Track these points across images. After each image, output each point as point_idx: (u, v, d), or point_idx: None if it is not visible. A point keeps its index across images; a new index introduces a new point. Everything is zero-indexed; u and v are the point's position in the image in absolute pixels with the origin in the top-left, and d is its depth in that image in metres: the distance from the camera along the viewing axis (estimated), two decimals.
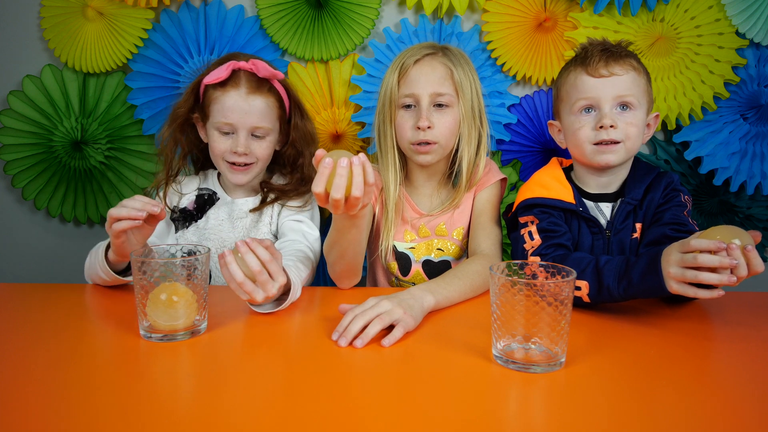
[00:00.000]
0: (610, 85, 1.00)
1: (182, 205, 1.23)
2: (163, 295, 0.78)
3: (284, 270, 0.89)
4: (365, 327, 0.79)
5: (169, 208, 1.22)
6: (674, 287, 0.79)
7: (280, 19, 1.50)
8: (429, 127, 1.10)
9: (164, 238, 1.22)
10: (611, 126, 0.99)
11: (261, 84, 1.16)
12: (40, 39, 1.55)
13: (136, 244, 0.93)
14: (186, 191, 1.24)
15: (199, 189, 1.25)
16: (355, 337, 0.77)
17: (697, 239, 0.77)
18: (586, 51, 1.03)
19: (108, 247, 0.98)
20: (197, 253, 0.84)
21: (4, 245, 1.66)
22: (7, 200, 1.64)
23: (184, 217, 1.22)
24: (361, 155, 0.82)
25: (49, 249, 1.67)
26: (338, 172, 0.80)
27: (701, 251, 0.76)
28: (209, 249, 0.85)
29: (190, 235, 1.21)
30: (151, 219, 0.92)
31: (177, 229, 1.22)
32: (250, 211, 1.21)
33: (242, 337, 0.82)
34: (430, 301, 0.88)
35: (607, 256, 0.90)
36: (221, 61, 1.18)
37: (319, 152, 0.83)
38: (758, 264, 0.76)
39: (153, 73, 1.53)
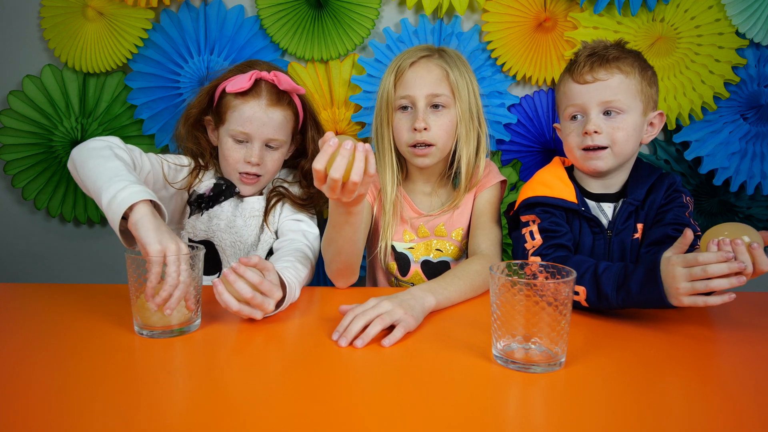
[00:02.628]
0: (594, 90, 0.99)
1: (200, 191, 1.20)
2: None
3: (280, 276, 0.89)
4: (366, 327, 0.79)
5: (188, 193, 1.21)
6: (685, 301, 0.78)
7: (280, 19, 1.50)
8: (425, 129, 1.10)
9: (179, 219, 1.21)
10: (595, 132, 0.99)
11: (281, 97, 1.15)
12: (40, 39, 1.55)
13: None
14: (205, 178, 1.22)
15: (218, 177, 1.22)
16: (356, 337, 0.78)
17: (703, 254, 0.77)
18: (578, 55, 1.03)
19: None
20: (193, 252, 0.84)
21: (4, 245, 1.66)
22: (7, 200, 1.64)
23: (198, 203, 1.21)
24: (367, 144, 0.82)
25: (49, 249, 1.67)
26: (341, 152, 0.80)
27: (708, 264, 0.76)
28: (204, 248, 0.85)
29: (201, 224, 1.20)
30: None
31: (191, 213, 1.21)
32: (264, 217, 1.20)
33: (238, 335, 0.82)
34: (431, 302, 0.88)
35: (606, 263, 0.90)
36: (242, 68, 1.17)
37: (328, 134, 0.83)
38: (764, 263, 0.76)
39: (153, 73, 1.53)
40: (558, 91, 1.07)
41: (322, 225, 1.20)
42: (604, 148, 1.00)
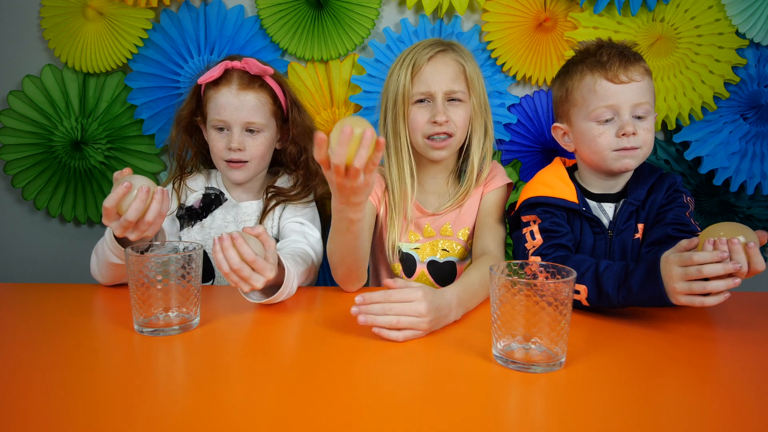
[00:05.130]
0: (630, 92, 0.98)
1: (189, 203, 1.23)
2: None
3: (281, 261, 0.89)
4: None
5: (178, 202, 1.22)
6: (682, 300, 0.78)
7: (280, 19, 1.50)
8: (446, 122, 1.10)
9: (169, 236, 1.22)
10: (633, 133, 0.98)
11: (252, 80, 1.17)
12: (40, 39, 1.55)
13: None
14: (193, 189, 1.25)
15: (206, 188, 1.25)
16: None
17: (698, 254, 0.77)
18: (601, 54, 1.00)
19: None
20: (192, 250, 0.85)
21: (4, 245, 1.66)
22: (7, 200, 1.64)
23: (189, 216, 1.22)
24: (379, 137, 0.79)
25: (49, 249, 1.67)
26: (339, 140, 0.77)
27: (703, 264, 0.76)
28: (202, 246, 0.85)
29: (195, 234, 1.22)
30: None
31: (182, 227, 1.22)
32: (260, 222, 1.21)
33: (237, 333, 0.82)
34: (457, 318, 0.88)
35: (607, 261, 0.90)
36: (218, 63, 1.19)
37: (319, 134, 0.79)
38: (759, 263, 0.76)
39: (153, 73, 1.53)
40: (579, 89, 1.02)
41: (325, 230, 1.20)
42: (636, 148, 0.99)
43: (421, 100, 1.13)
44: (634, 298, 0.84)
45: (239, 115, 1.15)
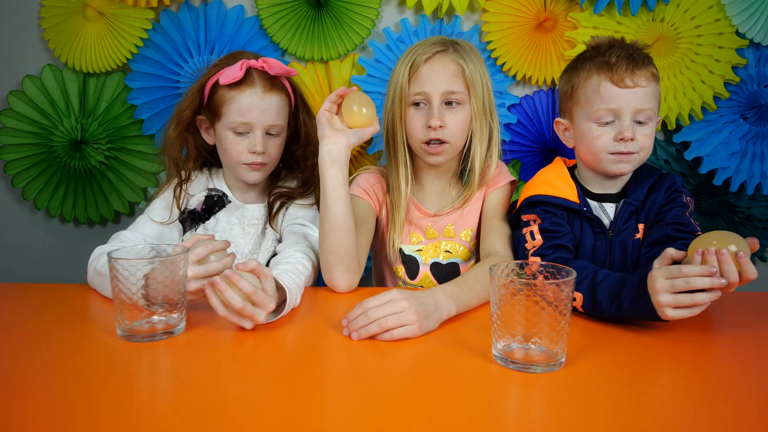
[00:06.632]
0: (633, 96, 0.97)
1: (190, 207, 1.19)
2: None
3: (279, 282, 0.87)
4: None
5: (179, 210, 1.18)
6: (669, 314, 0.78)
7: (280, 19, 1.50)
8: (440, 126, 1.08)
9: (171, 242, 1.19)
10: (631, 139, 0.97)
11: (274, 81, 1.14)
12: (40, 39, 1.55)
13: None
14: (194, 191, 1.20)
15: (208, 189, 1.21)
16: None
17: (687, 267, 0.76)
18: (611, 54, 0.99)
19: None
20: (177, 254, 0.82)
21: (4, 245, 1.66)
22: (7, 200, 1.64)
23: (192, 219, 1.19)
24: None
25: (49, 249, 1.67)
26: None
27: (691, 276, 0.76)
28: (187, 249, 0.83)
29: None
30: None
31: (184, 231, 1.19)
32: (270, 224, 1.20)
33: (236, 335, 0.82)
34: (452, 311, 0.87)
35: (605, 271, 0.89)
36: (226, 60, 1.16)
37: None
38: (750, 271, 0.76)
39: (153, 73, 1.53)
40: (584, 88, 1.01)
41: None
42: (633, 153, 0.99)
43: (417, 104, 1.11)
44: (625, 311, 0.83)
45: (264, 118, 1.12)
